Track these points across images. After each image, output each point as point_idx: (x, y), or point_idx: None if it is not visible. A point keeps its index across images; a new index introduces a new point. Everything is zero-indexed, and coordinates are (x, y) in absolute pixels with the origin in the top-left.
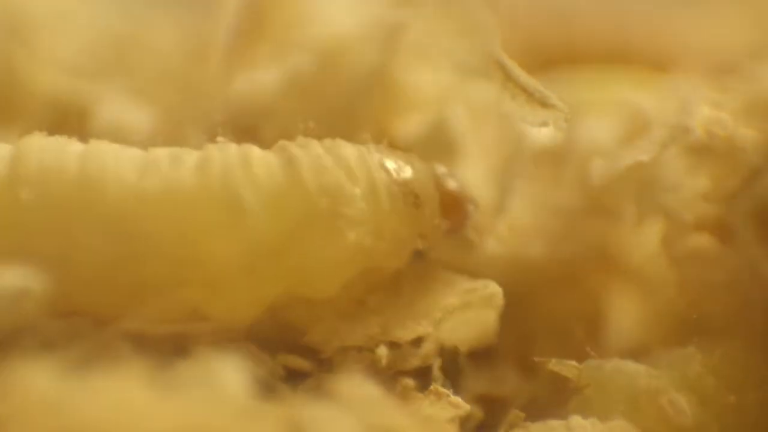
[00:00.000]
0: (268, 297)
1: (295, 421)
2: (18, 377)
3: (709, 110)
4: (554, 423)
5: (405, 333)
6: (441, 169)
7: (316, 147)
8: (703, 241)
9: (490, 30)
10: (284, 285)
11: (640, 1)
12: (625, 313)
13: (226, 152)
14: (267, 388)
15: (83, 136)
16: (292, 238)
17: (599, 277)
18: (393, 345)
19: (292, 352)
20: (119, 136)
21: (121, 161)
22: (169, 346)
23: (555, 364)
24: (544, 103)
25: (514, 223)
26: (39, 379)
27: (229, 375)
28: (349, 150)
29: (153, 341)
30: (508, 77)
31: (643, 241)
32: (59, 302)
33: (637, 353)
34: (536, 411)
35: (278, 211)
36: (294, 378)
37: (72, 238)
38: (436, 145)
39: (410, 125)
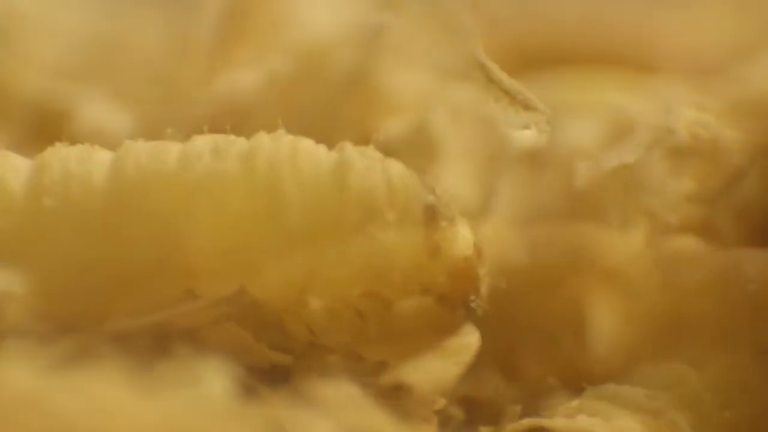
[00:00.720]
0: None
1: (276, 422)
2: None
3: (692, 112)
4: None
5: (371, 351)
6: (468, 237)
7: (370, 156)
8: (687, 242)
9: (471, 32)
10: (306, 279)
11: (624, 2)
12: (610, 316)
13: (278, 142)
14: (248, 389)
15: (64, 138)
16: (320, 236)
17: (583, 280)
18: (356, 356)
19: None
20: (99, 138)
21: (158, 155)
22: (151, 346)
23: (564, 409)
24: (526, 106)
25: (497, 227)
26: (21, 378)
27: (211, 376)
28: (396, 170)
29: (135, 341)
30: (490, 79)
31: (628, 244)
32: (82, 305)
33: (625, 364)
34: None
35: (315, 207)
36: (273, 379)
37: (109, 242)
38: (418, 148)
39: (392, 128)
